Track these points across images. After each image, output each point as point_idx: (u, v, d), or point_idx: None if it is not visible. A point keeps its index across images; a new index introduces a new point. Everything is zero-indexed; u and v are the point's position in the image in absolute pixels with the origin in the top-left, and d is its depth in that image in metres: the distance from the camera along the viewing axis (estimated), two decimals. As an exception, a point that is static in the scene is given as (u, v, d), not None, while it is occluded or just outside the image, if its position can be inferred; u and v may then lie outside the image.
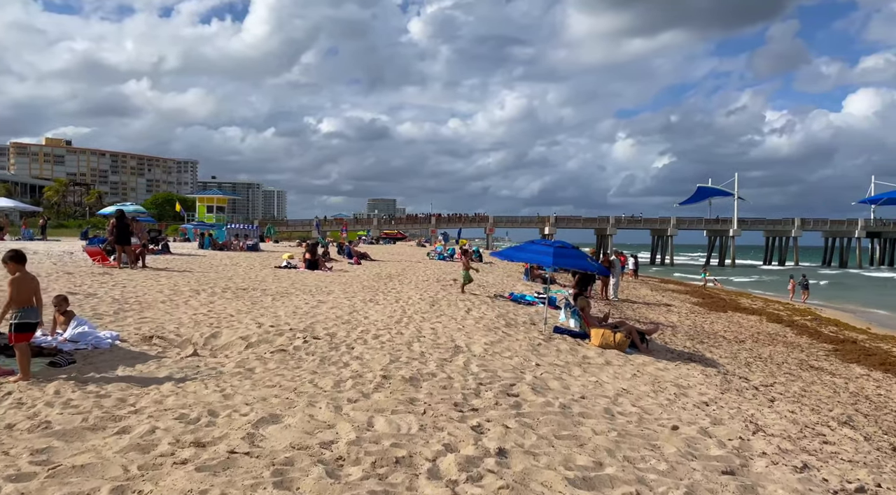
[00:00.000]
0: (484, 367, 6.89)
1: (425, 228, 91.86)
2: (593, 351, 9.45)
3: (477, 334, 9.25)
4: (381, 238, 73.17)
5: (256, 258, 26.41)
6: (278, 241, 53.63)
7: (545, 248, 10.12)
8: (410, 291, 15.28)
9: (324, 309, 11.14)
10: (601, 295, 21.84)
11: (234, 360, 6.56)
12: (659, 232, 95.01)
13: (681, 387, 7.65)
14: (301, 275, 19.01)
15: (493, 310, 12.57)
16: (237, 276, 16.99)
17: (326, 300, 12.55)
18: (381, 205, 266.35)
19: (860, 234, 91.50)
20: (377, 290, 15.21)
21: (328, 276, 18.99)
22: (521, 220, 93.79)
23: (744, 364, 11.11)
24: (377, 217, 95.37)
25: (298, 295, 13.36)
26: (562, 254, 10.01)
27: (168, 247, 25.79)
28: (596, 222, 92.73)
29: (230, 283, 14.85)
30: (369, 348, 7.51)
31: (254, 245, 31.82)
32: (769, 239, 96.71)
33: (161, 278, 14.91)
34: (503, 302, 15.15)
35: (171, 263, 20.43)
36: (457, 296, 14.66)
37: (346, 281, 17.68)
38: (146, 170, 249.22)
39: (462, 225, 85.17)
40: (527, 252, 10.19)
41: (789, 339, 15.88)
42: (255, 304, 11.36)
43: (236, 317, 9.55)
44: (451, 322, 10.33)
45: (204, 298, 11.77)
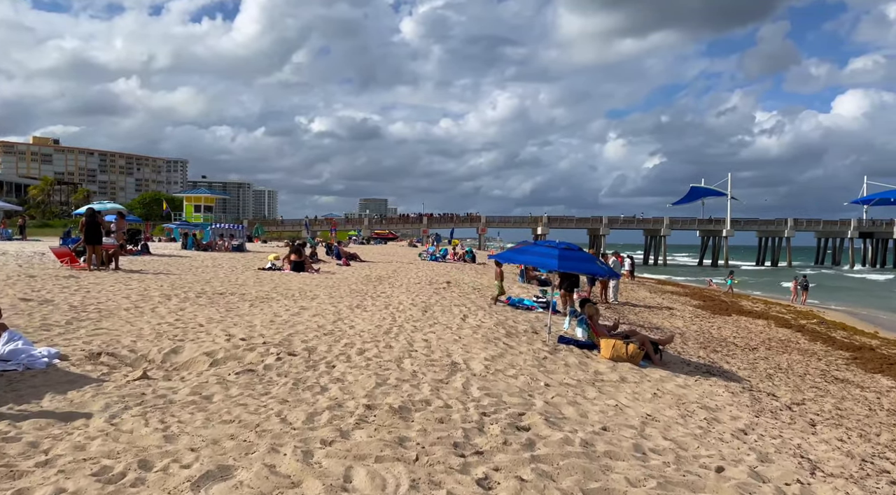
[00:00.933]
0: (486, 390, 5.90)
1: (417, 228, 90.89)
2: (604, 364, 8.48)
3: (475, 347, 8.26)
4: (371, 238, 72.04)
5: (241, 259, 25.30)
6: (266, 241, 52.44)
7: (549, 250, 9.14)
8: (401, 295, 14.27)
9: (305, 316, 10.11)
10: (601, 298, 20.91)
11: (191, 384, 5.53)
12: (652, 232, 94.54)
13: (709, 410, 6.70)
14: (285, 277, 17.96)
15: (491, 316, 11.58)
16: (216, 279, 15.91)
17: (309, 306, 11.51)
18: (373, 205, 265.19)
19: (853, 235, 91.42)
20: (365, 294, 14.19)
21: (314, 279, 17.95)
22: (514, 220, 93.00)
23: (765, 376, 10.19)
24: (368, 217, 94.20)
25: (279, 300, 12.32)
26: (568, 256, 9.03)
27: (147, 248, 24.64)
28: (589, 222, 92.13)
29: (207, 287, 13.79)
30: (353, 367, 6.50)
31: (239, 245, 30.70)
32: (762, 239, 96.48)
33: (132, 281, 13.82)
34: (501, 306, 14.17)
35: (148, 265, 19.31)
36: (451, 302, 13.66)
37: (332, 283, 16.65)
38: (135, 170, 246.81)
39: (454, 225, 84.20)
40: (529, 254, 9.21)
41: (803, 346, 14.99)
42: (229, 311, 10.32)
43: (205, 328, 8.51)
44: (445, 331, 9.34)
45: (174, 304, 10.71)
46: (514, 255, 9.30)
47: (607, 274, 9.06)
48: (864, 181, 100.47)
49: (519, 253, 9.31)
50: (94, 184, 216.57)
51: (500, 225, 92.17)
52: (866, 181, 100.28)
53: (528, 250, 9.32)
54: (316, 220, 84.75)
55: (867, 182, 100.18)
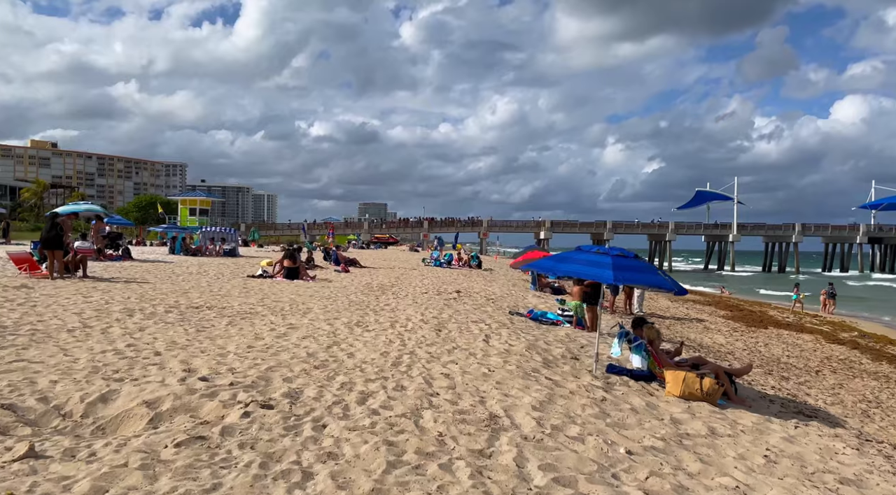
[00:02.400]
0: (551, 469, 3.96)
1: (417, 232, 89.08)
2: (675, 405, 6.54)
3: (513, 385, 6.32)
4: (371, 242, 70.10)
5: (231, 265, 23.36)
6: (263, 246, 50.53)
7: (600, 258, 7.21)
8: (408, 309, 12.34)
9: (293, 339, 8.17)
10: (624, 308, 18.98)
11: (102, 466, 3.58)
12: (657, 237, 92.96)
13: (846, 481, 4.78)
14: (277, 286, 16.01)
15: (517, 337, 9.64)
16: (196, 289, 13.97)
17: (300, 324, 9.57)
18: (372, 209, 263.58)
19: (862, 240, 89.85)
20: (367, 307, 12.25)
21: (309, 288, 16.00)
22: (516, 225, 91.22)
23: (860, 412, 8.32)
24: (368, 221, 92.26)
25: (265, 316, 10.38)
26: (624, 265, 7.12)
27: (129, 253, 22.69)
28: (593, 227, 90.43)
29: (182, 299, 11.85)
30: (352, 427, 4.54)
31: (232, 250, 28.76)
32: (768, 244, 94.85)
33: (95, 292, 11.88)
34: (521, 320, 12.25)
35: (124, 272, 17.38)
36: (466, 316, 11.72)
37: (329, 294, 14.71)
38: (134, 174, 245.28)
39: (455, 229, 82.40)
40: (574, 263, 7.27)
41: (868, 367, 13.07)
42: (200, 333, 8.37)
43: (162, 358, 6.57)
44: (469, 360, 7.39)
45: (134, 323, 8.77)
46: (556, 265, 7.37)
47: (675, 288, 7.14)
48: (872, 186, 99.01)
49: (560, 261, 7.37)
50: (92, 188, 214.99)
51: (503, 229, 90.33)
52: (874, 186, 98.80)
53: (571, 258, 7.39)
54: (315, 224, 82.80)
55: (875, 186, 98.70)
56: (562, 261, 7.39)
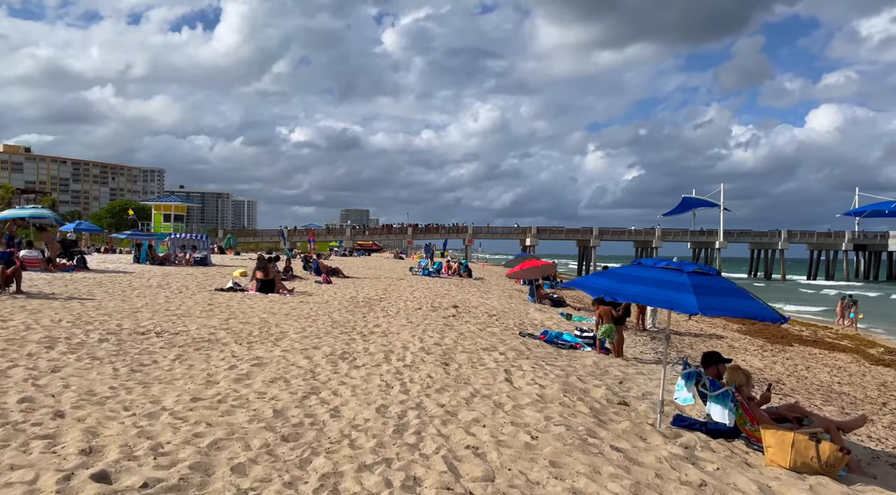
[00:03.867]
0: None
1: (401, 239, 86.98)
2: (791, 484, 4.65)
3: (573, 464, 4.36)
4: (354, 249, 67.84)
5: (200, 276, 21.15)
6: (240, 253, 48.06)
7: (673, 277, 5.30)
8: (403, 331, 10.33)
9: (256, 385, 6.13)
10: (636, 325, 17.17)
11: None
12: (643, 244, 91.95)
13: None
14: (248, 302, 13.91)
15: (544, 371, 7.70)
16: (150, 307, 11.84)
17: (269, 358, 7.52)
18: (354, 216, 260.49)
19: (847, 247, 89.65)
20: (353, 330, 10.23)
21: (286, 304, 13.92)
22: (501, 232, 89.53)
23: None
24: (350, 227, 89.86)
25: (226, 345, 8.32)
26: (707, 287, 5.22)
27: (84, 262, 20.38)
28: (579, 233, 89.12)
29: (128, 322, 9.73)
30: None
31: (203, 258, 26.49)
32: (754, 251, 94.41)
33: (19, 314, 9.71)
34: (536, 344, 10.34)
35: (74, 284, 15.16)
36: (473, 341, 9.74)
37: (309, 311, 12.66)
38: (110, 179, 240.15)
39: (440, 235, 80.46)
40: (642, 284, 5.32)
41: (933, 396, 11.32)
42: (133, 375, 6.30)
43: (59, 425, 4.52)
44: (499, 417, 5.42)
45: (49, 360, 6.66)
46: (619, 287, 5.36)
47: (776, 317, 5.26)
48: (856, 192, 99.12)
49: (624, 282, 5.39)
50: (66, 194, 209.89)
51: (488, 236, 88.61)
52: (858, 193, 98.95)
53: (635, 277, 5.44)
54: (295, 231, 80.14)
55: (859, 193, 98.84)
56: (626, 281, 5.43)
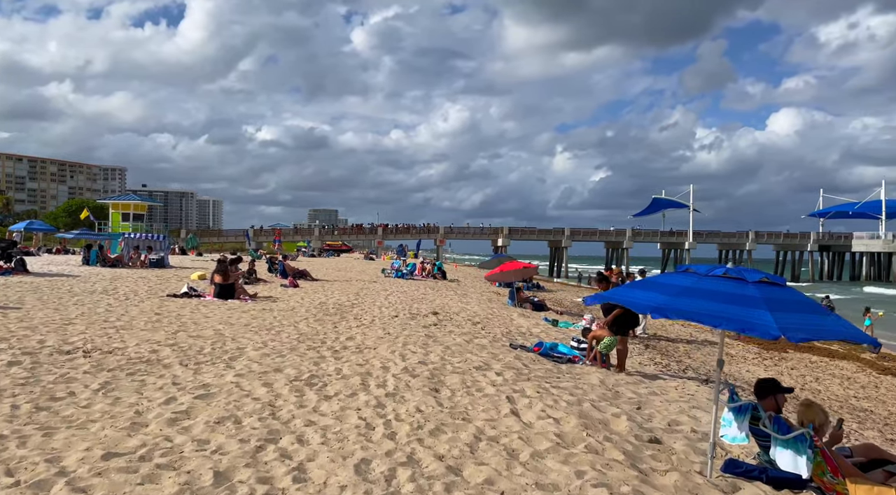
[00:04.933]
0: None
1: (371, 239, 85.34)
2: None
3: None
4: (323, 250, 65.95)
5: (154, 279, 19.44)
6: (202, 254, 45.96)
7: (737, 288, 4.12)
8: (381, 345, 8.99)
9: (199, 427, 4.74)
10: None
11: None
12: (614, 244, 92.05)
13: None
14: (203, 310, 12.39)
15: (551, 397, 6.46)
16: (87, 317, 10.26)
17: (219, 385, 6.11)
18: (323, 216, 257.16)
19: (812, 248, 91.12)
20: (323, 344, 8.85)
21: (246, 312, 12.44)
22: (473, 232, 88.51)
23: None
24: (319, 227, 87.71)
25: (169, 366, 6.88)
26: (783, 302, 4.06)
27: (24, 264, 18.51)
28: (551, 234, 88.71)
29: (53, 337, 8.18)
30: None
31: (159, 260, 24.67)
32: (722, 252, 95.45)
33: (-81, 329, 8.10)
34: (531, 358, 9.12)
35: (8, 289, 13.43)
36: (463, 358, 8.45)
37: (272, 321, 11.22)
38: (68, 177, 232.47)
39: (411, 236, 79.05)
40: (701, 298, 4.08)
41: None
42: (36, 414, 4.85)
43: None
44: (513, 467, 4.14)
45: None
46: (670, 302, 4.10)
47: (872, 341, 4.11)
48: (821, 194, 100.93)
49: (677, 296, 4.12)
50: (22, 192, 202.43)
51: (460, 236, 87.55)
52: (822, 195, 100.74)
53: (691, 289, 4.19)
54: (261, 231, 77.68)
55: (823, 195, 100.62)
56: (679, 294, 4.19)
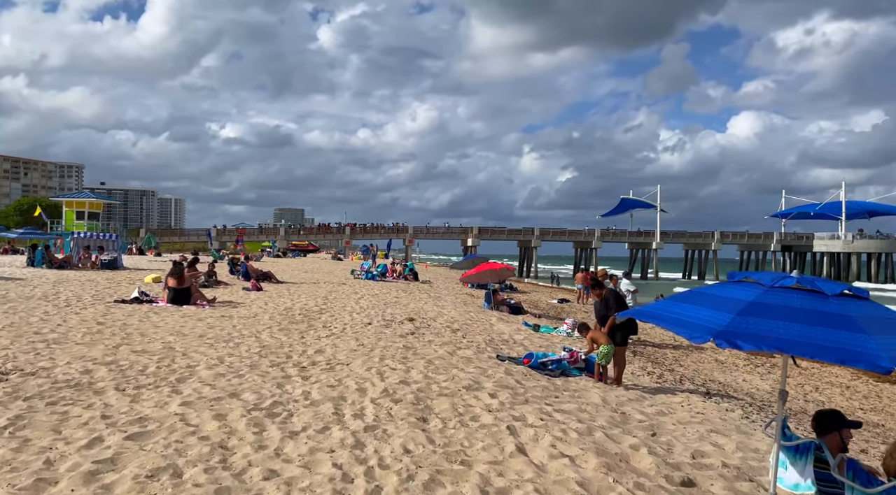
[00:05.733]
0: None
1: (339, 239, 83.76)
2: None
3: None
4: (289, 250, 64.19)
5: (104, 282, 17.97)
6: (161, 254, 43.97)
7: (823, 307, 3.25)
8: (354, 360, 7.95)
9: (123, 485, 3.66)
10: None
11: None
12: (583, 244, 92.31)
13: None
14: (153, 318, 11.15)
15: (556, 424, 5.54)
16: (15, 328, 8.95)
17: (159, 419, 5.00)
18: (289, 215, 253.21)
19: (775, 248, 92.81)
20: (289, 360, 7.77)
21: (203, 320, 11.23)
22: (443, 232, 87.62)
23: None
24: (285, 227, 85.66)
25: (101, 392, 5.74)
26: (878, 321, 3.21)
27: (-44, 267, 16.85)
28: (520, 234, 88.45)
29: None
30: None
31: (111, 261, 23.07)
32: (689, 252, 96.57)
33: None
34: (523, 373, 8.20)
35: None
36: (449, 375, 7.47)
37: (231, 331, 10.06)
38: (22, 174, 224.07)
39: (379, 235, 77.76)
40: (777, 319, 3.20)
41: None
42: None
43: None
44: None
45: None
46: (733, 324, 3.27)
47: None
48: (783, 195, 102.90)
49: (741, 315, 3.27)
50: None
51: (429, 236, 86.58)
52: (784, 195, 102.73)
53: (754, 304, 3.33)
54: (225, 230, 75.38)
55: (785, 196, 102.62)
56: (747, 313, 3.28)
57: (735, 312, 3.34)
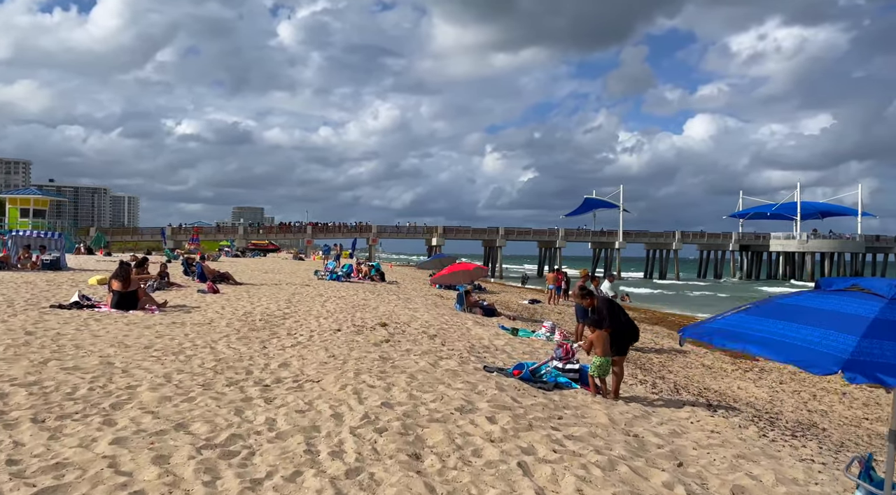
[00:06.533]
0: None
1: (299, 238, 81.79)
2: None
3: None
4: (248, 249, 62.12)
5: (41, 284, 16.42)
6: (111, 254, 41.74)
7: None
8: (326, 374, 6.93)
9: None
10: (592, 339, 14.61)
11: None
12: (547, 244, 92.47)
13: None
14: (93, 326, 9.87)
15: (571, 456, 4.66)
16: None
17: (80, 464, 3.92)
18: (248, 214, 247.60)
19: (734, 247, 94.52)
20: (248, 376, 6.71)
21: (150, 328, 10.01)
22: (407, 231, 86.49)
23: None
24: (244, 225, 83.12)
25: (12, 427, 4.60)
26: None
27: None
28: (485, 233, 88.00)
29: None
30: None
31: (53, 261, 21.35)
32: (650, 251, 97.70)
33: None
34: (514, 386, 7.33)
35: None
36: (435, 390, 6.53)
37: (181, 341, 8.89)
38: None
39: (342, 235, 76.15)
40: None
41: None
42: None
43: None
44: None
45: None
46: (866, 349, 2.52)
47: None
48: (740, 196, 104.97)
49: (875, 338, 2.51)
50: None
51: (393, 235, 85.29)
52: (741, 196, 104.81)
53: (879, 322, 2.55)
54: (181, 229, 72.53)
55: (742, 196, 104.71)
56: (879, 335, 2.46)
57: (859, 333, 2.48)
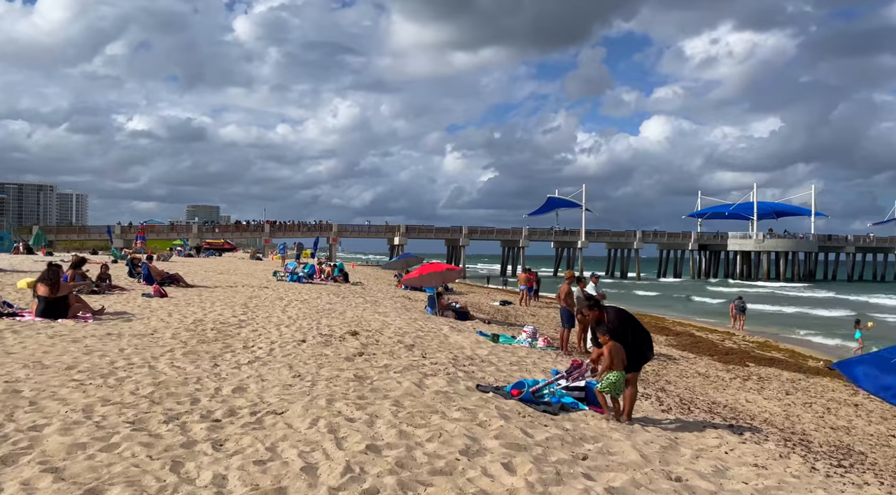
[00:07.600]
0: None
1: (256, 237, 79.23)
2: None
3: None
4: (202, 248, 59.46)
5: (-38, 288, 14.50)
6: (53, 254, 39.00)
7: None
8: (293, 403, 5.61)
9: None
10: (578, 345, 13.64)
11: None
12: (510, 243, 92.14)
13: None
14: (8, 339, 8.27)
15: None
16: None
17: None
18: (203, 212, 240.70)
19: (693, 247, 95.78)
20: (193, 408, 5.35)
21: (79, 341, 8.45)
22: (369, 230, 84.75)
23: None
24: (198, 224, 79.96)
25: None
26: None
27: None
28: (448, 232, 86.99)
29: None
30: None
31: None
32: (611, 250, 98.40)
33: None
34: (517, 411, 6.16)
35: None
36: (428, 421, 5.30)
37: (113, 358, 7.41)
38: None
39: (301, 234, 73.98)
40: None
41: None
42: None
43: None
44: None
45: None
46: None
47: None
48: (699, 196, 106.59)
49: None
50: None
51: (354, 234, 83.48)
52: (700, 196, 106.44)
53: None
54: (131, 227, 69.03)
55: (701, 196, 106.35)
56: None
57: None
